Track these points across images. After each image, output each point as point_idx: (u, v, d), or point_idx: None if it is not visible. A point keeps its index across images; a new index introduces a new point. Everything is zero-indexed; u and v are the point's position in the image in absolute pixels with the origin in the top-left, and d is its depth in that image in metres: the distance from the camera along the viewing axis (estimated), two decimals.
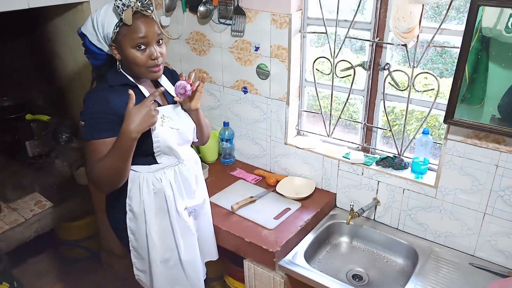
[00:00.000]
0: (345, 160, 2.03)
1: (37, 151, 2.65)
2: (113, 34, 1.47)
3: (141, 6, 1.47)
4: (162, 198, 1.65)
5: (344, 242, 2.05)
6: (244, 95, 2.28)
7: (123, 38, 1.46)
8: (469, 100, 1.61)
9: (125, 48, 1.47)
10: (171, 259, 1.73)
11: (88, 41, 1.54)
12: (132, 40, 1.46)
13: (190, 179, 1.71)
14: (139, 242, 1.70)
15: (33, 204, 2.47)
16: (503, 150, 1.60)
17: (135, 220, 1.66)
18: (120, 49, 1.49)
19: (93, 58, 1.60)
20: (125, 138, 1.44)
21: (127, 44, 1.47)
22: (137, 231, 1.68)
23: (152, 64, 1.50)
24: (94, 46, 1.54)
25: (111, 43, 1.50)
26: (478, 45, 1.53)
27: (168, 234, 1.69)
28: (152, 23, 1.50)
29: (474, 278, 1.68)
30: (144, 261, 1.73)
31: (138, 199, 1.63)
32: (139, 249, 1.71)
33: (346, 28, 1.88)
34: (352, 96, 2.01)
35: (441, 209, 1.82)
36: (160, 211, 1.66)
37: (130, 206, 1.64)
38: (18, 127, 2.63)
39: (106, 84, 1.54)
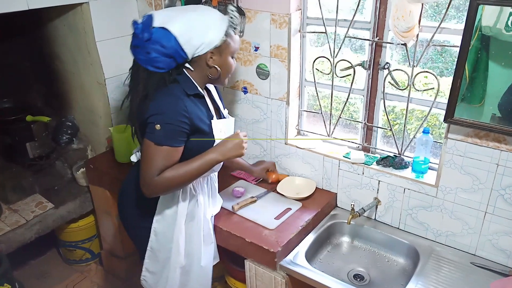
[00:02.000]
0: (345, 159, 2.03)
1: (38, 152, 2.65)
2: (220, 42, 1.51)
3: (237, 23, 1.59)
4: (194, 204, 1.68)
5: (345, 242, 2.05)
6: (244, 95, 2.28)
7: (227, 47, 1.54)
8: (469, 99, 1.61)
9: (226, 57, 1.56)
10: (191, 265, 1.75)
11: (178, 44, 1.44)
12: (233, 50, 1.57)
13: (217, 188, 1.83)
14: (160, 244, 1.69)
15: (34, 206, 2.47)
16: (504, 149, 1.60)
17: (163, 222, 1.66)
18: (220, 57, 1.54)
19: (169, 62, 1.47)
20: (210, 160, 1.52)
21: (229, 53, 1.56)
22: (162, 233, 1.68)
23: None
24: (180, 50, 1.46)
25: (212, 49, 1.51)
26: (478, 44, 1.53)
27: (193, 241, 1.71)
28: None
29: (475, 277, 1.68)
30: (158, 263, 1.72)
31: (171, 203, 1.64)
32: (157, 251, 1.71)
33: (345, 28, 1.88)
34: (352, 95, 2.01)
35: (442, 208, 1.82)
36: (190, 216, 1.68)
37: (162, 208, 1.65)
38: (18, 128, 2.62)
39: (181, 89, 1.50)
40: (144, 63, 1.46)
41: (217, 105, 1.73)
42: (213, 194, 1.80)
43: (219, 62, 1.55)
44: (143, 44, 1.44)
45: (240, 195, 2.10)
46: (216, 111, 1.71)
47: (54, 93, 2.74)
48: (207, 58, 1.52)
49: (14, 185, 2.51)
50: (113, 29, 2.35)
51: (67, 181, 2.71)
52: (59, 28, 2.45)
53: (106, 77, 2.39)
